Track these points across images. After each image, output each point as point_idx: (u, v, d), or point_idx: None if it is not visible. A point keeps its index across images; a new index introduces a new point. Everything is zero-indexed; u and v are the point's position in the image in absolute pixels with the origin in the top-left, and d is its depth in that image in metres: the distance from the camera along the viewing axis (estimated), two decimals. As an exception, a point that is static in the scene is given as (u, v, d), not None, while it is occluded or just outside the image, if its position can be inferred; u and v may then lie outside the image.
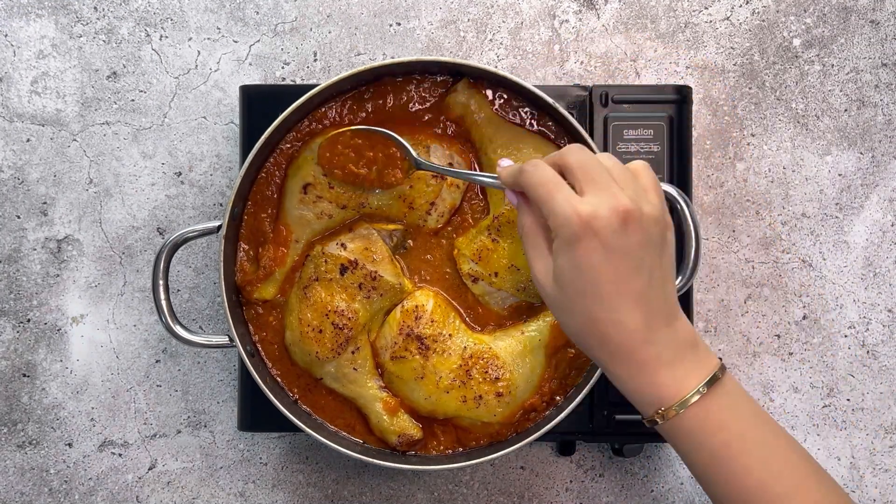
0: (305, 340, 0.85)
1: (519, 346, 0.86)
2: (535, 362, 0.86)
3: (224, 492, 0.99)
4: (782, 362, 1.00)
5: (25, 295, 0.99)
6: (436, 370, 0.85)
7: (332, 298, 0.84)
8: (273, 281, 0.87)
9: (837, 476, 0.99)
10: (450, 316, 0.86)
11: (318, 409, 0.88)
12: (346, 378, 0.86)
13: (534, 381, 0.86)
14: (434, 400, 0.85)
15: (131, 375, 0.99)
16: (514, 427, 0.87)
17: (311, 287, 0.85)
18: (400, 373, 0.85)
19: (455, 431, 0.88)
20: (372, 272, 0.84)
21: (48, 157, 0.99)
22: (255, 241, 0.87)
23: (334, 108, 0.87)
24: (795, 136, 1.00)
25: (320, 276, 0.85)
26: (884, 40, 1.00)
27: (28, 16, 0.99)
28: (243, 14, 1.00)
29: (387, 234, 0.86)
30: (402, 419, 0.86)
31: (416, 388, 0.85)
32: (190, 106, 0.99)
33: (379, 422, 0.86)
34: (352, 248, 0.85)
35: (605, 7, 1.00)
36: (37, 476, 0.99)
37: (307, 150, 0.86)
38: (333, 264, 0.85)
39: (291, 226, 0.86)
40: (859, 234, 1.00)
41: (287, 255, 0.87)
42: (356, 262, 0.84)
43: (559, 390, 0.87)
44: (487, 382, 0.85)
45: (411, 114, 0.88)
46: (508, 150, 0.85)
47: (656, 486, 1.00)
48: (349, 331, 0.85)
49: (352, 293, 0.85)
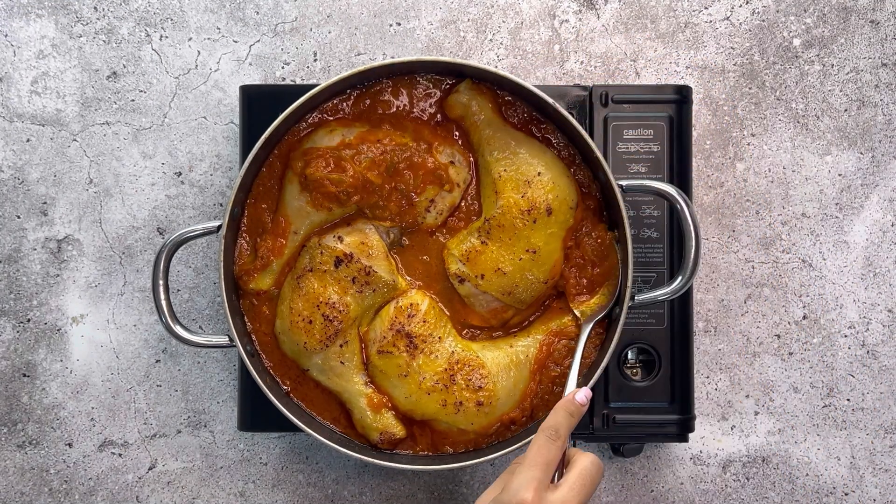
0: (295, 330, 0.85)
1: (506, 358, 0.86)
2: (520, 377, 0.86)
3: (224, 492, 0.99)
4: (782, 362, 1.00)
5: (25, 295, 0.99)
6: (420, 370, 0.85)
7: (324, 290, 0.84)
8: (270, 272, 0.87)
9: (837, 476, 0.99)
10: (442, 319, 0.86)
11: (307, 402, 0.88)
12: (332, 371, 0.86)
13: (516, 395, 0.86)
14: (414, 400, 0.85)
15: (131, 375, 0.99)
16: (490, 437, 0.87)
17: (305, 277, 0.85)
18: (384, 368, 0.85)
19: (431, 435, 0.88)
20: (366, 267, 0.85)
21: (48, 157, 0.99)
22: (254, 232, 0.88)
23: (338, 105, 0.87)
24: (795, 136, 1.00)
25: (315, 268, 0.85)
26: (884, 40, 1.00)
27: (28, 16, 0.99)
28: (243, 14, 1.00)
29: (384, 231, 0.86)
30: (385, 417, 0.87)
31: (399, 385, 0.85)
32: (190, 106, 0.99)
33: (362, 417, 0.87)
34: (348, 242, 0.85)
35: (605, 7, 1.00)
36: (37, 476, 0.99)
37: (309, 141, 0.86)
38: (329, 256, 0.85)
39: (290, 217, 0.86)
40: (859, 234, 1.00)
41: (285, 246, 0.87)
42: (351, 255, 0.84)
43: (541, 406, 0.87)
44: (470, 390, 0.85)
45: (414, 112, 0.88)
46: (505, 154, 0.85)
47: (656, 486, 1.00)
48: (339, 323, 0.85)
49: (345, 286, 0.85)
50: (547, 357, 0.86)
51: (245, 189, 0.86)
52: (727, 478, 0.99)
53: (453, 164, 0.86)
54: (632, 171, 0.91)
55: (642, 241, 0.91)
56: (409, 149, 0.85)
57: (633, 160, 0.91)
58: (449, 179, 0.86)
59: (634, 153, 0.91)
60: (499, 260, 0.85)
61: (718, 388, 0.99)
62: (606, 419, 0.91)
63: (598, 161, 0.84)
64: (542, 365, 0.86)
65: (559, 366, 0.87)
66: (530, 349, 0.86)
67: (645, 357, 0.92)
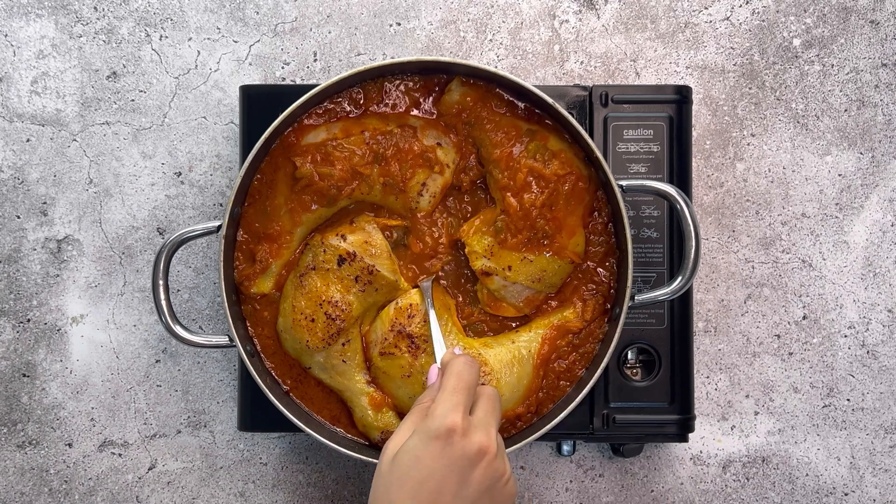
0: (297, 328, 0.85)
1: (508, 354, 0.86)
2: (523, 372, 0.86)
3: (224, 492, 0.99)
4: (782, 362, 1.00)
5: (25, 295, 0.99)
6: (423, 370, 0.85)
7: (327, 288, 0.84)
8: (270, 274, 0.87)
9: (837, 476, 0.99)
10: (443, 318, 0.86)
11: (307, 401, 0.88)
12: (334, 369, 0.86)
13: (520, 391, 0.86)
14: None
15: (131, 375, 0.99)
16: None
17: (308, 275, 0.85)
18: (387, 369, 0.85)
19: None
20: (369, 266, 0.84)
21: (48, 157, 0.99)
22: (252, 236, 0.88)
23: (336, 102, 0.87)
24: (795, 136, 1.00)
25: (318, 266, 0.85)
26: (884, 40, 1.00)
27: (28, 16, 0.99)
28: (243, 14, 1.00)
29: (387, 230, 0.86)
30: (386, 416, 0.87)
31: (402, 385, 0.85)
32: (190, 106, 0.99)
33: (363, 416, 0.87)
34: (351, 241, 0.85)
35: (605, 7, 1.00)
36: (37, 476, 0.99)
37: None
38: (332, 254, 0.84)
39: (285, 218, 0.86)
40: (859, 234, 1.00)
41: (283, 248, 0.87)
42: (354, 254, 0.84)
43: (547, 401, 0.87)
44: None
45: (417, 111, 0.88)
46: (503, 148, 0.85)
47: (656, 486, 1.00)
48: (341, 322, 0.85)
49: (347, 285, 0.85)
50: (551, 352, 0.86)
51: (245, 189, 0.86)
52: (727, 478, 0.99)
53: (440, 145, 0.86)
54: (632, 171, 0.91)
55: (642, 241, 0.91)
56: (395, 135, 0.85)
57: (633, 160, 0.91)
58: (438, 161, 0.85)
59: (634, 153, 0.91)
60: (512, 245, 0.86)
61: (718, 388, 0.99)
62: (606, 419, 0.91)
63: (598, 161, 0.84)
64: (546, 360, 0.86)
65: (564, 360, 0.87)
66: (532, 344, 0.86)
67: (645, 357, 0.92)
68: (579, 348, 0.87)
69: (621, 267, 0.86)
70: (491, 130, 0.86)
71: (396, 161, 0.84)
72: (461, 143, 0.87)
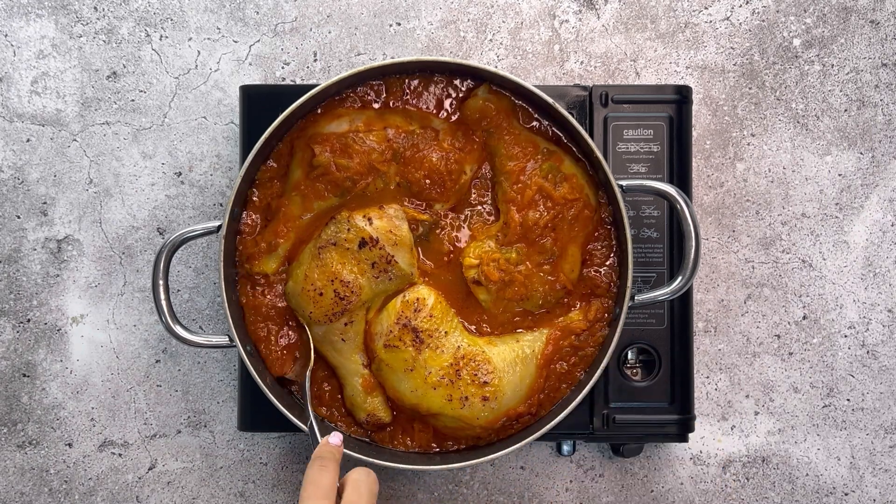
0: (304, 296, 0.85)
1: (512, 353, 0.86)
2: (525, 372, 0.86)
3: (224, 492, 0.99)
4: (782, 362, 1.00)
5: (25, 295, 0.99)
6: (426, 365, 0.85)
7: (342, 267, 0.84)
8: (276, 256, 0.87)
9: (837, 476, 0.99)
10: (448, 314, 0.86)
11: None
12: (332, 345, 0.87)
13: (522, 390, 0.86)
14: (420, 394, 0.85)
15: (131, 375, 0.99)
16: (496, 433, 0.87)
17: (327, 249, 0.85)
18: (391, 362, 0.86)
19: (432, 432, 0.88)
20: (389, 255, 0.84)
21: (48, 157, 0.99)
22: (263, 214, 0.87)
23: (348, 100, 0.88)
24: (795, 136, 1.00)
25: (338, 242, 0.85)
26: (884, 40, 1.00)
27: (28, 16, 0.99)
28: (243, 14, 1.00)
29: (414, 224, 0.86)
30: (375, 400, 0.87)
31: (404, 379, 0.86)
32: (190, 106, 0.99)
33: (353, 395, 0.87)
34: (377, 226, 0.85)
35: (605, 7, 1.00)
36: (37, 476, 0.99)
37: (316, 128, 0.86)
38: (355, 235, 0.84)
39: (297, 203, 0.86)
40: (859, 234, 1.00)
41: (292, 229, 0.87)
42: (377, 240, 0.84)
43: (548, 402, 0.87)
44: (475, 385, 0.85)
45: (434, 112, 0.88)
46: (517, 161, 0.86)
47: (656, 486, 1.00)
48: (348, 303, 0.85)
49: (363, 268, 0.85)
50: (554, 352, 0.87)
51: (245, 189, 0.86)
52: (727, 478, 0.99)
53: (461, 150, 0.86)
54: (632, 171, 0.91)
55: (642, 241, 0.91)
56: (416, 136, 0.85)
57: (633, 160, 0.91)
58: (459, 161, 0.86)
59: (634, 153, 0.91)
60: (518, 266, 0.86)
61: (718, 388, 0.99)
62: (606, 419, 0.91)
63: (598, 161, 0.84)
64: (549, 360, 0.87)
65: (566, 362, 0.87)
66: (536, 344, 0.87)
67: (645, 357, 0.92)
68: (580, 350, 0.87)
69: (621, 267, 0.86)
70: (509, 142, 0.86)
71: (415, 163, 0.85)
72: (479, 149, 0.87)
